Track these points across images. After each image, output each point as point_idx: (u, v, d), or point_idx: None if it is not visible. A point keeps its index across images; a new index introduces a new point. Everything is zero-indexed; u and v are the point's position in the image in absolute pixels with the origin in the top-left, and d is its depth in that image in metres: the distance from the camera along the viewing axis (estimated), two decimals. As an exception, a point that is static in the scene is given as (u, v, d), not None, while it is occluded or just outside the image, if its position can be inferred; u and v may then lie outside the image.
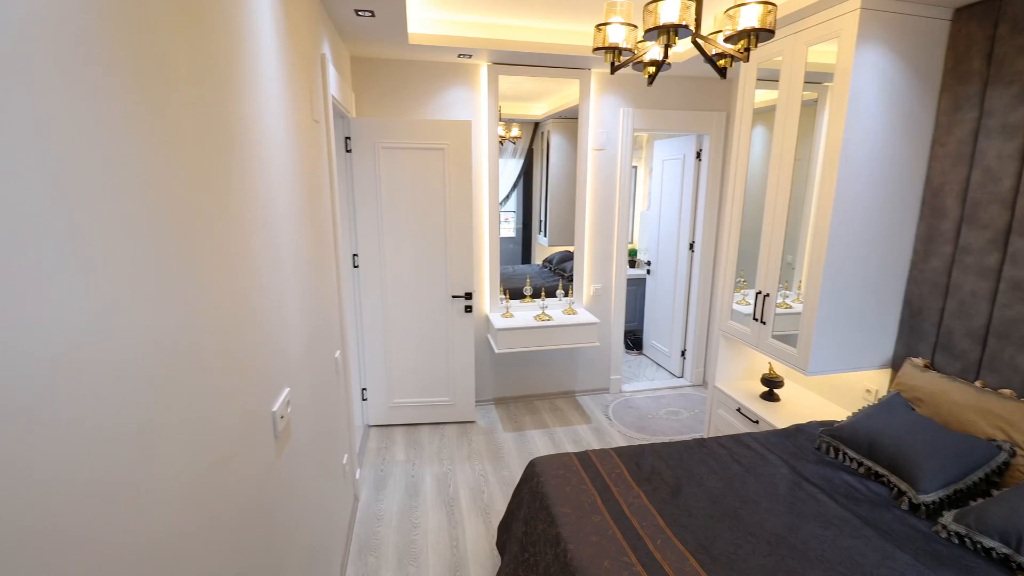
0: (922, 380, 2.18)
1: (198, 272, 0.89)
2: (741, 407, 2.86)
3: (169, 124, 0.80)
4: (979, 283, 2.06)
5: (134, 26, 0.71)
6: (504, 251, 4.80)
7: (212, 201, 0.96)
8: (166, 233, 0.78)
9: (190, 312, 0.85)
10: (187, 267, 0.85)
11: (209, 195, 0.94)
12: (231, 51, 1.09)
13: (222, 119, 1.02)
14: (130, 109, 0.69)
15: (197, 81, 0.91)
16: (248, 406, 1.12)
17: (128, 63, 0.69)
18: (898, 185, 2.25)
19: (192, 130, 0.88)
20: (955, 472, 1.78)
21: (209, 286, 0.93)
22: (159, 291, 0.76)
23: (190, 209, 0.86)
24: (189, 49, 0.88)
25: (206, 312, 0.91)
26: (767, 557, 1.54)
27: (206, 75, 0.95)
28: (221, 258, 0.99)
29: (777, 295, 2.57)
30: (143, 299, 0.71)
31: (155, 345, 0.74)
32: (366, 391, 3.41)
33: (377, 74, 3.21)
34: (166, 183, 0.78)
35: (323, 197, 2.11)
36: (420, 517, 2.57)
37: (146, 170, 0.73)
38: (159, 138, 0.77)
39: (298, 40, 1.76)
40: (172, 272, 0.80)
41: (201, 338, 0.89)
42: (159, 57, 0.78)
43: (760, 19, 1.41)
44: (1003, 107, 1.96)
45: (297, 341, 1.57)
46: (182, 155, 0.84)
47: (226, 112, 1.04)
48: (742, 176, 2.81)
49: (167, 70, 0.80)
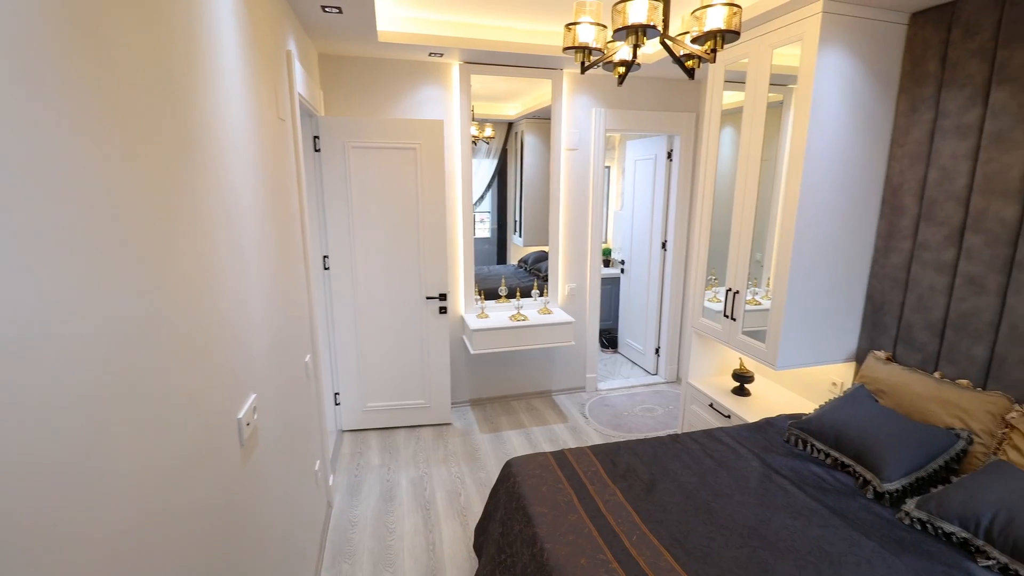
0: (884, 372, 2.26)
1: (154, 272, 0.85)
2: (713, 402, 2.90)
3: (120, 121, 0.76)
4: (936, 278, 2.14)
5: (81, 23, 0.68)
6: (479, 252, 4.79)
7: (170, 201, 0.92)
8: (118, 233, 0.74)
9: (143, 314, 0.82)
10: (142, 267, 0.81)
11: (166, 194, 0.91)
12: (188, 46, 1.05)
13: (179, 116, 0.98)
14: (75, 105, 0.66)
15: (151, 77, 0.87)
16: (210, 413, 1.08)
17: (75, 61, 0.66)
18: (860, 184, 2.32)
19: (146, 127, 0.84)
20: (917, 460, 1.84)
21: (166, 286, 0.89)
22: (109, 292, 0.72)
23: (145, 208, 0.83)
24: (142, 45, 0.84)
25: (162, 314, 0.88)
26: (740, 549, 1.57)
27: (160, 71, 0.91)
28: (180, 258, 0.95)
29: (746, 292, 2.62)
30: (90, 300, 0.68)
31: (105, 346, 0.70)
32: (339, 395, 3.34)
33: (346, 72, 3.16)
34: (118, 181, 0.75)
35: (291, 197, 2.06)
36: (396, 522, 2.53)
37: (94, 168, 0.69)
38: (109, 135, 0.73)
39: (261, 36, 1.72)
40: (125, 272, 0.76)
41: (157, 342, 0.85)
42: (109, 54, 0.74)
43: (726, 21, 1.43)
44: (957, 108, 2.04)
45: (264, 345, 1.53)
46: (136, 152, 0.80)
47: (184, 109, 1.01)
48: (711, 176, 2.86)
49: (118, 68, 0.76)
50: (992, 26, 1.91)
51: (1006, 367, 1.91)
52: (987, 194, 1.95)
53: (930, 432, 1.91)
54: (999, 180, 1.91)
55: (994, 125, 1.91)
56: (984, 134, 1.95)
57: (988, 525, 1.52)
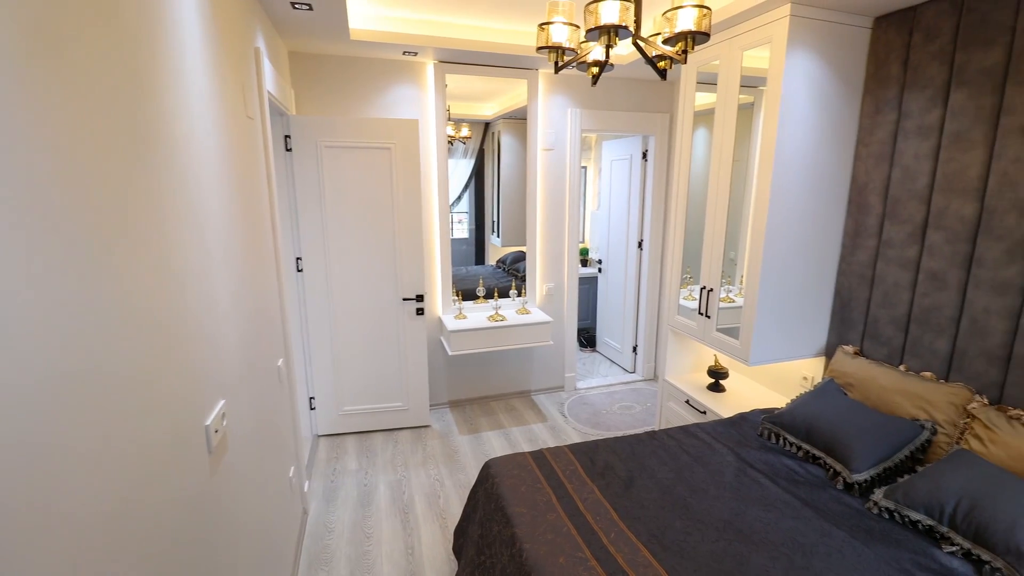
0: (852, 366, 2.32)
1: (114, 276, 0.82)
2: (690, 399, 2.94)
3: (74, 120, 0.73)
4: (901, 274, 2.21)
5: (28, 20, 0.64)
6: (457, 252, 4.77)
7: (130, 202, 0.89)
8: (72, 235, 0.71)
9: (103, 321, 0.78)
10: (100, 271, 0.78)
11: (127, 195, 0.87)
12: (150, 43, 1.02)
13: (141, 114, 0.95)
14: (30, 102, 0.63)
15: (108, 75, 0.83)
16: (176, 420, 1.04)
17: (23, 59, 0.63)
18: (828, 184, 2.38)
19: (106, 125, 0.81)
20: (884, 451, 1.90)
21: (128, 291, 0.86)
22: (65, 297, 0.69)
23: (103, 210, 0.79)
24: (98, 42, 0.81)
25: (123, 320, 0.84)
26: (715, 543, 1.59)
27: (119, 68, 0.88)
28: (141, 262, 0.92)
29: (720, 290, 2.66)
30: (44, 306, 0.65)
31: (60, 353, 0.67)
32: (314, 400, 3.29)
33: (318, 71, 3.11)
34: (73, 180, 0.72)
35: (261, 198, 2.01)
36: (373, 527, 2.50)
37: (45, 169, 0.66)
38: (61, 134, 0.70)
39: (228, 32, 1.67)
40: (82, 276, 0.73)
41: (117, 348, 0.82)
42: (63, 52, 0.71)
43: (696, 22, 1.45)
44: (918, 110, 2.11)
45: (233, 350, 1.49)
46: (95, 150, 0.77)
47: (146, 107, 0.97)
48: (685, 176, 2.90)
49: (72, 66, 0.73)
50: (951, 30, 1.98)
51: (967, 359, 1.98)
52: (947, 193, 2.02)
53: (896, 423, 1.97)
54: (958, 179, 1.98)
55: (953, 126, 1.98)
56: (944, 134, 2.02)
57: (952, 512, 1.57)
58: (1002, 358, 1.87)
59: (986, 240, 1.90)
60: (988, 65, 1.86)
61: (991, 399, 1.90)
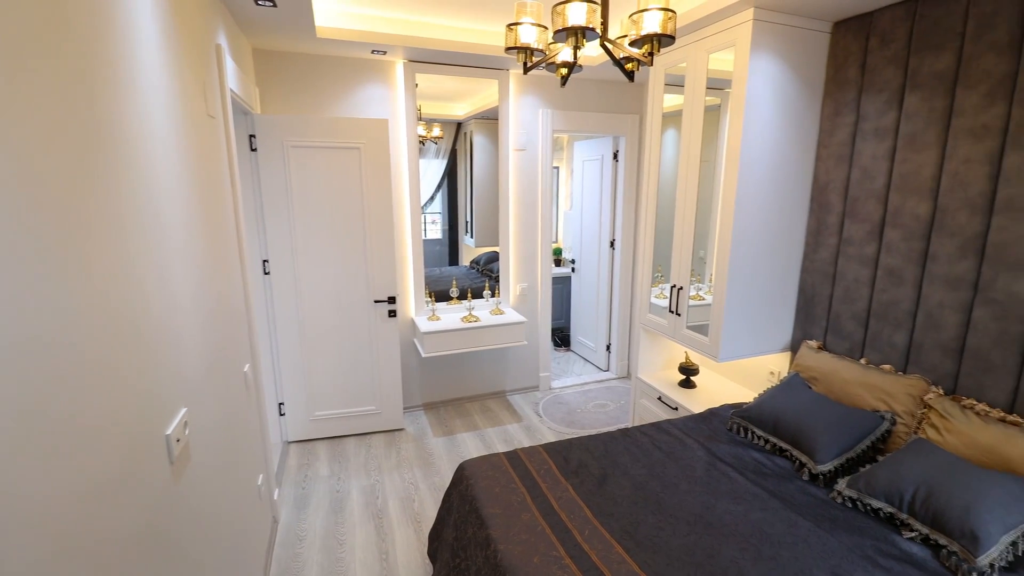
0: (816, 360, 2.39)
1: (63, 280, 0.78)
2: (662, 396, 2.99)
3: (15, 120, 0.69)
4: (860, 271, 2.28)
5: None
6: (431, 253, 4.73)
7: (82, 202, 0.85)
8: (16, 237, 0.68)
9: (51, 328, 0.75)
10: (48, 275, 0.74)
11: (77, 195, 0.83)
12: (102, 39, 0.97)
13: (90, 114, 0.91)
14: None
15: (54, 72, 0.80)
16: (134, 430, 1.00)
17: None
18: (791, 184, 2.45)
19: (51, 125, 0.77)
20: (846, 442, 1.96)
21: (81, 296, 0.82)
22: (7, 300, 0.65)
23: (51, 211, 0.75)
24: (43, 38, 0.77)
25: (73, 327, 0.80)
26: (687, 536, 1.61)
27: (65, 65, 0.84)
28: (93, 265, 0.88)
29: (690, 288, 2.71)
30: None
31: (2, 361, 0.64)
32: (283, 405, 3.21)
33: (284, 69, 3.04)
34: (16, 183, 0.68)
35: (224, 198, 1.96)
36: (346, 533, 2.46)
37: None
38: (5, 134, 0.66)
39: (188, 29, 1.62)
40: (28, 280, 0.69)
41: (67, 357, 0.78)
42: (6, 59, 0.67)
43: (661, 25, 1.47)
44: (875, 112, 2.19)
45: (195, 356, 1.44)
46: (39, 152, 0.73)
47: (96, 105, 0.93)
48: (654, 177, 2.94)
49: (15, 67, 0.69)
50: (905, 36, 2.06)
51: (923, 352, 2.06)
52: (903, 192, 2.10)
53: (858, 415, 2.03)
54: (913, 179, 2.06)
55: (908, 127, 2.06)
56: (899, 136, 2.10)
57: (911, 499, 1.63)
58: (956, 350, 1.95)
59: (939, 237, 1.98)
60: (940, 69, 1.94)
61: (946, 390, 1.99)
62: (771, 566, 1.48)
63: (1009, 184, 1.76)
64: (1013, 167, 1.75)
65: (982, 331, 1.86)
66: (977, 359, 1.88)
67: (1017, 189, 1.74)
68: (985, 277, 1.84)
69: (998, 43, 1.77)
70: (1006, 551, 1.44)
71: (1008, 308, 1.78)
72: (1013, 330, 1.77)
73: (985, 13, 1.80)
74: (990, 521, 1.46)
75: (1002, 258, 1.79)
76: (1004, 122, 1.77)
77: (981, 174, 1.84)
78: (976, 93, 1.84)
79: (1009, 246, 1.77)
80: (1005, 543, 1.44)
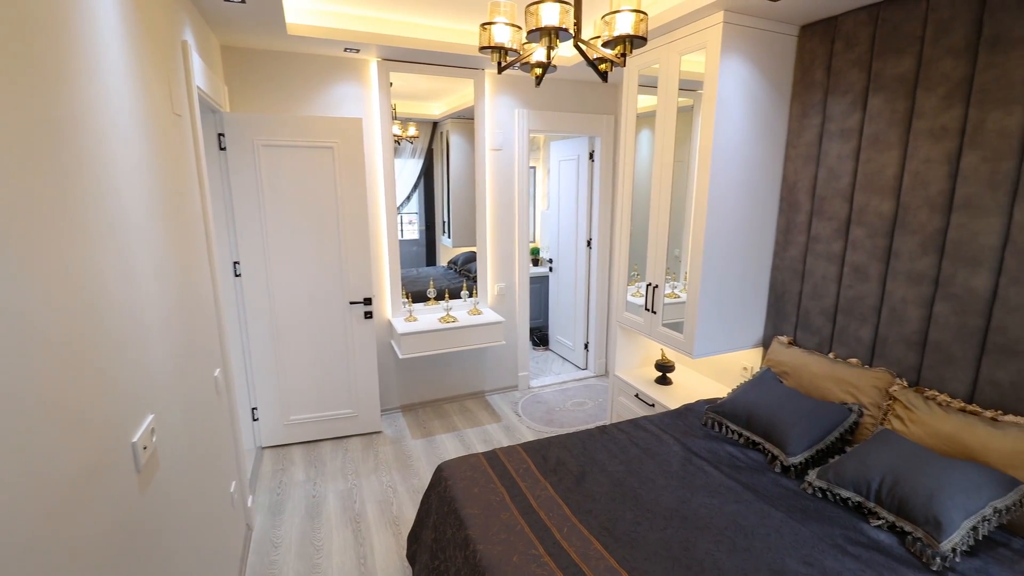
0: (787, 355, 2.44)
1: (17, 283, 0.74)
2: (639, 392, 3.02)
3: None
4: (828, 267, 2.35)
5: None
6: (408, 253, 4.69)
7: (39, 202, 0.81)
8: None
9: (4, 333, 0.71)
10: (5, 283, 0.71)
11: (34, 195, 0.80)
12: (56, 35, 0.94)
13: (47, 113, 0.87)
14: None
15: (6, 71, 0.76)
16: (99, 439, 0.97)
17: None
18: (762, 183, 2.50)
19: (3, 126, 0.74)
20: (816, 434, 2.01)
21: (36, 299, 0.79)
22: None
23: (4, 211, 0.72)
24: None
25: (29, 332, 0.77)
26: (663, 531, 1.63)
27: (19, 62, 0.80)
28: (51, 266, 0.84)
29: (665, 286, 2.75)
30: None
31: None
32: (257, 410, 3.14)
33: (254, 66, 2.98)
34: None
35: (191, 199, 1.91)
36: (323, 539, 2.42)
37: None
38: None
39: (152, 25, 1.57)
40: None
41: (23, 363, 0.75)
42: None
43: (633, 27, 1.49)
44: (840, 113, 2.25)
45: (163, 361, 1.40)
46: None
47: (54, 102, 0.89)
48: (629, 176, 2.97)
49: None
50: (868, 39, 2.12)
51: (888, 345, 2.13)
52: (867, 191, 2.16)
53: (827, 408, 2.09)
54: (877, 178, 2.12)
55: (871, 128, 2.13)
56: (864, 137, 2.16)
57: (877, 488, 1.68)
58: (918, 343, 2.02)
59: (902, 234, 2.05)
60: (901, 72, 2.01)
61: (910, 382, 2.06)
62: (745, 557, 1.51)
63: (967, 183, 1.83)
64: (970, 167, 1.82)
65: (943, 325, 1.93)
66: (938, 352, 1.95)
67: (974, 188, 1.81)
68: (945, 273, 1.92)
69: (955, 47, 1.84)
70: (967, 536, 1.49)
71: (967, 303, 1.86)
72: (971, 324, 1.85)
73: (943, 18, 1.87)
74: (952, 507, 1.51)
75: (960, 254, 1.87)
76: (961, 123, 1.84)
77: (940, 173, 1.91)
78: (935, 95, 1.91)
79: (967, 243, 1.84)
80: (966, 528, 1.49)
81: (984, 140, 1.78)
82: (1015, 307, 1.73)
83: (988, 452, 1.67)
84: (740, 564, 1.49)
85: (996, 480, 1.57)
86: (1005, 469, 1.62)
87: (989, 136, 1.76)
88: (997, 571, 1.45)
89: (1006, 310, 1.76)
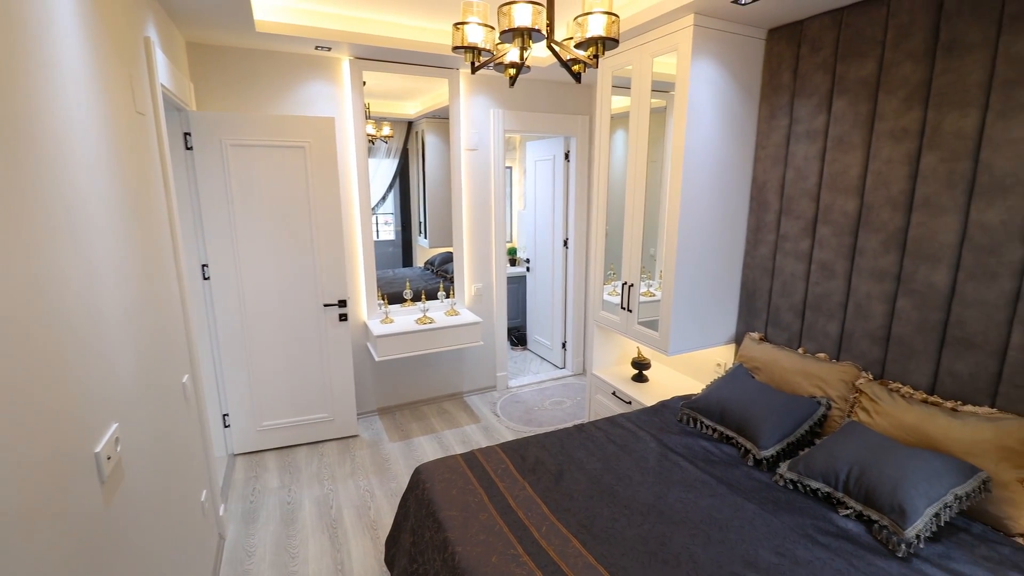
0: (758, 351, 2.50)
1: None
2: (616, 390, 3.05)
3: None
4: (796, 265, 2.41)
5: None
6: (385, 255, 4.64)
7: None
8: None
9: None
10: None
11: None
12: (8, 32, 0.90)
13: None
14: None
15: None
16: (58, 450, 0.93)
17: None
18: (733, 184, 2.55)
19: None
20: (787, 428, 2.06)
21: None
22: None
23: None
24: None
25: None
26: (640, 526, 1.65)
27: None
28: (3, 266, 0.81)
29: (641, 285, 2.78)
30: None
31: None
32: (228, 416, 3.07)
33: (222, 64, 2.90)
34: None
35: (156, 200, 1.85)
36: (299, 546, 2.37)
37: None
38: None
39: (112, 21, 1.52)
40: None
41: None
42: None
43: (605, 28, 1.50)
44: (806, 115, 2.31)
45: (127, 368, 1.35)
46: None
47: (4, 100, 0.85)
48: (604, 177, 3.00)
49: None
50: (832, 43, 2.18)
51: (854, 340, 2.19)
52: (833, 190, 2.22)
53: (797, 402, 2.14)
54: (841, 178, 2.19)
55: (836, 130, 2.19)
56: (829, 138, 2.22)
57: (845, 479, 1.73)
58: (882, 338, 2.09)
59: (866, 233, 2.11)
60: (863, 75, 2.08)
61: (875, 375, 2.12)
62: (720, 549, 1.54)
63: (926, 183, 1.90)
64: (929, 167, 1.89)
65: (905, 320, 2.00)
66: (901, 346, 2.02)
67: (932, 187, 1.88)
68: (907, 269, 1.99)
69: (915, 52, 1.91)
70: (930, 522, 1.55)
71: (927, 298, 1.93)
72: (932, 318, 1.92)
73: (903, 23, 1.93)
74: (916, 496, 1.57)
75: (921, 251, 1.94)
76: (921, 125, 1.91)
77: (901, 174, 1.98)
78: (896, 98, 1.97)
79: (926, 240, 1.91)
80: (929, 515, 1.55)
81: (942, 141, 1.85)
82: (972, 302, 1.81)
83: (949, 441, 1.73)
84: (715, 556, 1.51)
85: (956, 468, 1.63)
86: (964, 457, 1.69)
87: (946, 137, 1.83)
88: (958, 555, 1.51)
89: (964, 305, 1.83)
